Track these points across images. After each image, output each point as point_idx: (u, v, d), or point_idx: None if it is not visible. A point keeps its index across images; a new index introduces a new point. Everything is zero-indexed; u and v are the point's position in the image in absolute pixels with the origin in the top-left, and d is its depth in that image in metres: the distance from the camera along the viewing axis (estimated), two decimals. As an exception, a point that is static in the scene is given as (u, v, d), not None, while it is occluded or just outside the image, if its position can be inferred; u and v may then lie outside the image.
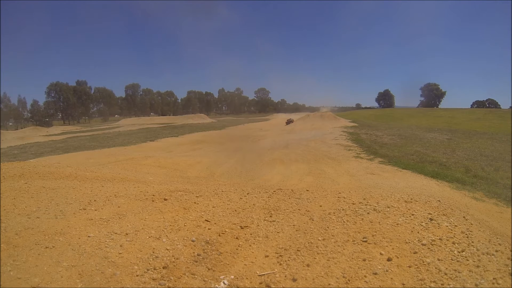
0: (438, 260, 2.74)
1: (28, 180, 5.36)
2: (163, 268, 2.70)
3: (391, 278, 2.54)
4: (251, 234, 3.42)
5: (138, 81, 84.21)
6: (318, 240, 3.23)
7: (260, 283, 2.57)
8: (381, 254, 2.89)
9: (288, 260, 2.86)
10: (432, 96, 74.89)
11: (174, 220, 3.70)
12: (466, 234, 3.21)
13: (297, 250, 3.03)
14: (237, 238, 3.33)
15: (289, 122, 39.57)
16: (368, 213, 3.82)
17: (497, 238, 3.28)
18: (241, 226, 3.61)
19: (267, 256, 2.96)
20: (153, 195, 4.77)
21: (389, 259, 2.79)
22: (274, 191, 5.02)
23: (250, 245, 3.18)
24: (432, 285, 2.43)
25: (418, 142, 17.97)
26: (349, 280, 2.54)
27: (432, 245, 3.00)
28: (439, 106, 71.63)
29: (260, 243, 3.22)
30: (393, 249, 2.98)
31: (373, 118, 42.75)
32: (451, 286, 2.40)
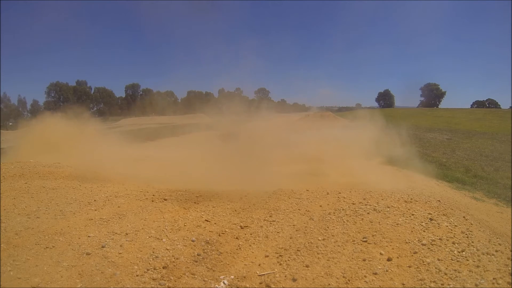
0: (438, 260, 2.74)
1: (28, 180, 5.36)
2: (163, 268, 2.70)
3: (391, 278, 2.54)
4: (251, 234, 3.42)
5: (138, 81, 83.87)
6: (318, 240, 3.23)
7: (260, 283, 2.57)
8: (381, 254, 2.89)
9: (288, 260, 2.86)
10: (432, 96, 74.74)
11: (174, 220, 3.70)
12: (466, 234, 3.21)
13: (297, 250, 3.03)
14: (237, 238, 3.33)
15: None
16: (368, 213, 3.82)
17: (497, 238, 3.28)
18: (241, 226, 3.61)
19: (267, 256, 2.96)
20: (153, 195, 4.77)
21: (389, 259, 2.79)
22: (274, 191, 5.02)
23: (250, 245, 3.18)
24: (432, 285, 2.43)
25: (418, 142, 17.97)
26: (349, 280, 2.54)
27: (432, 245, 3.00)
28: (439, 106, 71.53)
29: (260, 243, 3.22)
30: (393, 249, 2.98)
31: (373, 118, 42.63)
32: (451, 286, 2.40)
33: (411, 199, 4.38)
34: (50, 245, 2.99)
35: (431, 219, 3.57)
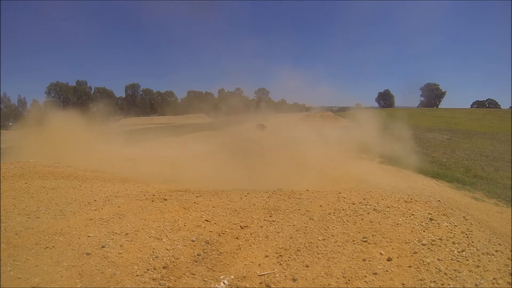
0: (438, 260, 2.74)
1: (28, 180, 5.36)
2: (163, 268, 2.70)
3: (391, 278, 2.54)
4: (251, 234, 3.42)
5: (138, 81, 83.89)
6: (318, 240, 3.23)
7: (260, 283, 2.57)
8: (381, 254, 2.89)
9: (288, 260, 2.86)
10: (432, 96, 74.67)
11: (174, 220, 3.70)
12: (466, 234, 3.21)
13: (297, 250, 3.03)
14: (237, 238, 3.33)
15: None
16: (368, 213, 3.82)
17: (497, 238, 3.28)
18: (241, 226, 3.61)
19: (267, 256, 2.96)
20: (153, 195, 4.77)
21: (389, 259, 2.79)
22: (274, 191, 5.02)
23: (250, 245, 3.18)
24: (432, 285, 2.43)
25: (418, 142, 17.97)
26: (349, 280, 2.54)
27: (432, 245, 3.00)
28: (439, 106, 71.50)
29: (260, 243, 3.22)
30: (393, 249, 2.98)
31: (373, 118, 42.56)
32: (451, 286, 2.40)
33: (411, 199, 4.38)
34: (50, 245, 2.99)
35: (431, 219, 3.57)
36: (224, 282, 2.58)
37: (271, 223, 3.68)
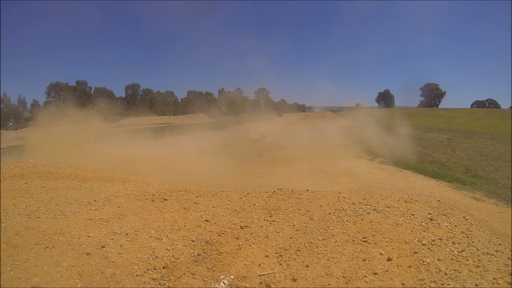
0: (438, 260, 2.74)
1: (28, 180, 5.36)
2: (163, 268, 2.70)
3: (391, 278, 2.54)
4: (251, 234, 3.42)
5: (138, 81, 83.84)
6: (318, 240, 3.23)
7: (260, 283, 2.57)
8: (381, 254, 2.89)
9: (288, 260, 2.86)
10: (432, 96, 74.67)
11: (174, 220, 3.70)
12: (466, 234, 3.21)
13: (297, 250, 3.03)
14: (237, 238, 3.33)
15: None
16: (368, 213, 3.82)
17: (497, 238, 3.28)
18: (241, 226, 3.61)
19: (267, 256, 2.96)
20: (153, 195, 4.77)
21: (389, 259, 2.79)
22: (274, 191, 5.02)
23: (250, 245, 3.18)
24: (432, 285, 2.43)
25: (418, 142, 17.97)
26: (349, 280, 2.54)
27: (432, 245, 3.00)
28: (439, 106, 71.49)
29: (260, 243, 3.22)
30: (393, 249, 2.98)
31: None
32: (451, 286, 2.40)
33: (411, 199, 4.38)
34: (50, 245, 2.99)
35: (431, 219, 3.57)
36: (224, 282, 2.58)
37: (271, 223, 3.68)
